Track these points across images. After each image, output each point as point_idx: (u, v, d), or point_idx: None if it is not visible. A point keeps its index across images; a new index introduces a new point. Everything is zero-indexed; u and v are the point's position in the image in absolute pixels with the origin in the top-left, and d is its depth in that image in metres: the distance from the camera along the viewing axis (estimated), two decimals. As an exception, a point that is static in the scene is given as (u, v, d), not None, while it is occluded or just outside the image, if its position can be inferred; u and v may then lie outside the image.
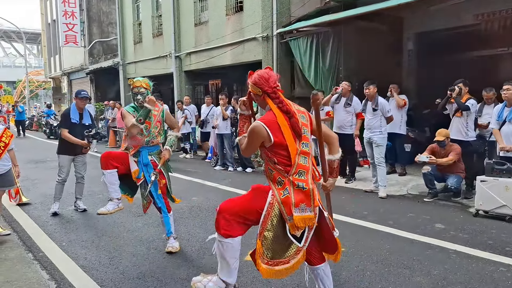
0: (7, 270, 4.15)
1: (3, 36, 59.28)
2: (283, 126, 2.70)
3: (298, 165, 2.73)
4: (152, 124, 4.42)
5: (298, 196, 2.73)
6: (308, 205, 2.75)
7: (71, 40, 22.50)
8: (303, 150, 2.77)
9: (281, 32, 10.26)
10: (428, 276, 3.82)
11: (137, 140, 4.40)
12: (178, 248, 4.56)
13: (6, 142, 5.16)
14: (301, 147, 2.75)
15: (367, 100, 7.17)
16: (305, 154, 2.78)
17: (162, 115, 4.55)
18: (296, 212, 2.71)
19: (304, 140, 2.78)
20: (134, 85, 4.39)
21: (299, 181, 2.73)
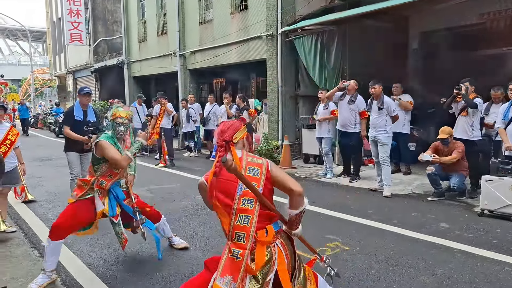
0: (13, 267, 4.18)
1: (9, 34, 59.59)
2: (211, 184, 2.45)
3: (234, 226, 2.39)
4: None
5: (227, 265, 2.38)
6: (234, 280, 2.33)
7: (76, 39, 22.57)
8: (242, 208, 2.39)
9: (286, 31, 10.24)
10: (432, 275, 3.81)
11: (114, 175, 4.04)
12: (184, 243, 4.66)
13: (12, 140, 5.23)
14: (239, 204, 2.39)
15: (373, 99, 7.16)
16: (246, 213, 2.39)
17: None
18: (219, 282, 2.35)
19: (246, 196, 2.40)
20: (119, 115, 4.04)
21: (236, 247, 2.38)
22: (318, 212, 5.97)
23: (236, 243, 2.38)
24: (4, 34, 59.97)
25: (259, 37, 11.08)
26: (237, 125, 2.61)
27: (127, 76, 18.99)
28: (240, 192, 2.41)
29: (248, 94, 14.54)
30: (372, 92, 7.04)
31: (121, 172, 4.06)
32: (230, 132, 2.54)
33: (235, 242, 2.38)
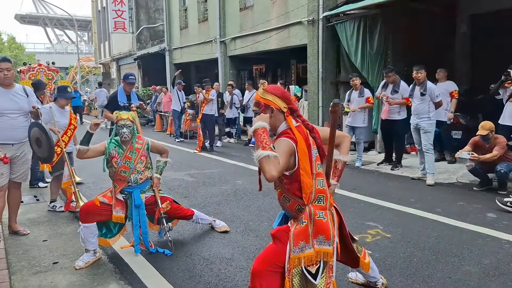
0: (64, 244, 4.40)
1: (56, 24, 61.87)
2: (301, 150, 2.42)
3: (316, 190, 2.51)
4: (134, 159, 4.06)
5: (317, 227, 2.51)
6: (327, 237, 2.51)
7: (120, 27, 23.11)
8: (318, 172, 2.54)
9: (327, 16, 10.06)
10: (478, 266, 3.70)
11: (122, 178, 4.05)
12: (225, 226, 4.74)
13: (75, 125, 5.64)
14: (316, 168, 2.52)
15: (415, 84, 6.95)
16: (321, 176, 2.55)
17: (147, 148, 4.18)
18: (316, 244, 2.50)
19: (318, 161, 2.55)
20: (120, 117, 4.01)
21: (319, 209, 2.52)
22: (358, 199, 5.90)
23: (317, 205, 2.53)
24: (52, 24, 62.31)
25: (300, 23, 10.95)
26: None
27: (169, 63, 19.31)
28: (314, 157, 2.52)
29: (288, 80, 14.46)
30: (418, 78, 6.82)
31: (121, 177, 4.03)
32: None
33: (316, 205, 2.53)
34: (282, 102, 2.49)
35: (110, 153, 4.04)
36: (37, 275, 3.68)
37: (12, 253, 4.15)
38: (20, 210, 4.93)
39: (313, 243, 2.50)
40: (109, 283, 3.52)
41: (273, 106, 2.48)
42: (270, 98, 2.49)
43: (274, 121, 2.50)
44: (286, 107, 2.50)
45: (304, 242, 2.49)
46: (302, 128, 2.54)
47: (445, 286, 3.35)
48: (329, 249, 2.52)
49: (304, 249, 2.49)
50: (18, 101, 4.47)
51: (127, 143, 4.07)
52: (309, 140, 2.51)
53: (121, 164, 4.02)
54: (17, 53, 42.05)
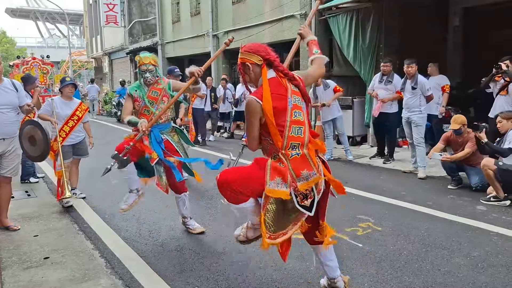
0: (55, 239, 4.39)
1: (48, 18, 61.24)
2: (266, 99, 2.54)
3: (289, 137, 2.59)
4: (158, 100, 4.20)
5: (295, 165, 2.60)
6: (309, 169, 2.61)
7: (112, 20, 22.94)
8: (295, 120, 2.60)
9: (320, 9, 10.03)
10: (467, 258, 3.74)
11: (145, 117, 4.16)
12: (200, 228, 4.51)
13: (80, 116, 5.67)
14: (292, 116, 2.59)
15: (406, 78, 6.97)
16: (298, 124, 2.62)
17: (168, 88, 4.28)
18: (300, 181, 2.59)
19: (296, 109, 2.62)
20: (142, 62, 4.14)
21: (292, 152, 2.62)
22: (350, 193, 5.92)
23: (291, 151, 2.60)
24: (43, 17, 61.67)
25: (293, 16, 10.93)
26: None
27: (161, 57, 19.21)
28: (291, 105, 2.58)
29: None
30: (409, 72, 6.85)
31: (145, 116, 4.14)
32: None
33: (289, 151, 2.60)
34: (256, 57, 2.61)
35: (132, 95, 4.17)
36: (28, 270, 3.67)
37: (2, 248, 4.14)
38: (11, 206, 4.90)
39: (296, 181, 2.58)
40: (100, 277, 3.52)
41: (248, 62, 2.64)
42: (244, 56, 2.65)
43: (253, 76, 2.66)
44: (261, 60, 2.61)
45: (281, 179, 2.58)
46: (277, 79, 2.63)
47: (435, 278, 3.38)
48: (316, 177, 2.62)
49: (280, 186, 2.57)
50: (8, 96, 4.43)
51: (150, 85, 4.17)
52: (283, 89, 2.59)
53: (144, 104, 4.15)
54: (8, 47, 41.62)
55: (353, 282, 3.34)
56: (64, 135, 5.46)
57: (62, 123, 5.50)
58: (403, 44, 9.11)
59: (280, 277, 3.45)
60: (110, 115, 20.77)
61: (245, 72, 2.68)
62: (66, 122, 5.54)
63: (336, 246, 3.98)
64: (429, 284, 3.29)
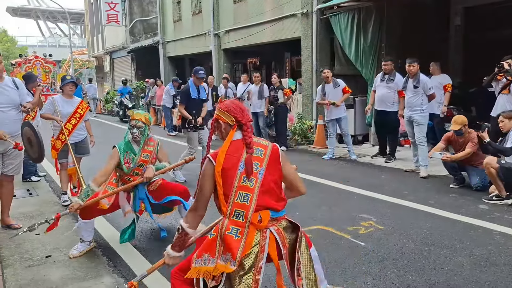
0: (56, 237, 4.38)
1: (49, 17, 61.21)
2: (219, 158, 2.42)
3: (233, 203, 2.38)
4: (148, 162, 4.11)
5: (226, 243, 2.34)
6: (233, 257, 2.30)
7: (113, 19, 22.92)
8: (242, 185, 2.40)
9: (322, 8, 10.04)
10: (470, 256, 3.73)
11: (133, 179, 4.07)
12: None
13: (81, 113, 5.67)
14: (240, 181, 2.40)
15: (408, 77, 6.96)
16: (246, 190, 2.40)
17: (157, 151, 4.21)
18: (221, 260, 2.34)
19: (252, 176, 2.42)
20: (133, 117, 4.05)
21: (234, 224, 2.36)
22: (352, 192, 5.93)
23: (234, 220, 2.38)
24: (44, 16, 61.65)
25: (294, 15, 10.92)
26: None
27: (162, 56, 19.21)
28: (241, 170, 2.42)
29: (282, 73, 14.44)
30: (411, 71, 6.84)
31: (140, 177, 4.02)
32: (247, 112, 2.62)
33: (232, 220, 2.38)
34: (230, 117, 2.55)
35: (123, 159, 4.01)
36: (30, 268, 3.67)
37: (4, 246, 4.14)
38: (13, 204, 4.90)
39: (218, 257, 2.35)
40: (103, 276, 3.52)
41: (221, 120, 2.59)
42: (219, 114, 2.59)
43: (225, 134, 2.60)
44: (233, 121, 2.55)
45: (209, 255, 2.37)
46: (241, 141, 2.51)
47: (437, 277, 3.38)
48: (231, 268, 2.31)
49: (207, 262, 2.37)
50: (9, 94, 4.42)
51: (138, 142, 4.07)
52: (239, 154, 2.45)
53: (135, 166, 4.04)
54: (9, 46, 41.65)
55: (355, 281, 3.34)
56: (67, 133, 5.48)
57: (64, 121, 5.51)
58: (405, 43, 9.11)
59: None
60: (111, 114, 20.80)
61: (217, 128, 2.64)
62: (69, 120, 5.55)
63: (338, 245, 4.00)
64: (432, 282, 3.28)
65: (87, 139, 5.87)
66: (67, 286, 3.35)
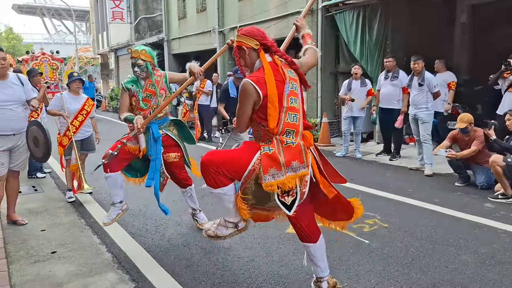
0: (62, 234, 4.40)
1: (54, 14, 61.37)
2: (269, 82, 2.48)
3: (285, 123, 2.51)
4: (156, 92, 4.04)
5: (288, 154, 2.50)
6: (301, 161, 2.52)
7: (118, 17, 22.95)
8: (291, 106, 2.53)
9: (327, 6, 10.00)
10: (475, 255, 3.72)
11: (144, 112, 4.04)
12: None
13: (88, 110, 5.73)
14: (288, 103, 2.53)
15: (413, 75, 6.93)
16: (294, 111, 2.55)
17: (165, 81, 4.11)
18: (289, 171, 2.50)
19: (292, 96, 2.55)
20: (132, 55, 3.96)
21: (287, 139, 2.53)
22: (357, 190, 5.91)
23: (285, 138, 2.53)
24: (50, 14, 61.82)
25: (299, 13, 10.84)
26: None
27: (167, 53, 19.21)
28: (287, 91, 2.54)
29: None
30: (416, 68, 6.81)
31: (143, 111, 4.00)
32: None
33: (283, 138, 2.53)
34: (253, 41, 2.58)
35: (129, 90, 4.00)
36: (35, 264, 3.69)
37: (10, 242, 4.16)
38: (19, 200, 4.92)
39: (285, 171, 2.49)
40: (107, 272, 3.53)
41: (244, 46, 2.61)
42: (241, 40, 2.63)
43: (249, 61, 2.64)
44: (258, 44, 2.58)
45: (275, 169, 2.49)
46: (276, 63, 2.58)
47: (442, 275, 3.37)
48: (304, 171, 2.52)
49: (276, 176, 2.49)
50: (15, 92, 4.42)
51: (145, 78, 4.02)
52: (281, 75, 2.55)
53: (142, 97, 4.00)
54: (15, 44, 41.83)
55: (359, 278, 3.34)
56: (74, 130, 5.53)
57: (71, 118, 5.56)
58: (410, 41, 9.06)
59: (286, 273, 3.44)
60: (116, 111, 20.84)
61: (240, 56, 2.65)
62: (76, 117, 5.59)
63: (342, 243, 3.99)
64: (437, 281, 3.27)
65: (93, 136, 5.89)
66: (72, 282, 3.36)
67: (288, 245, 3.96)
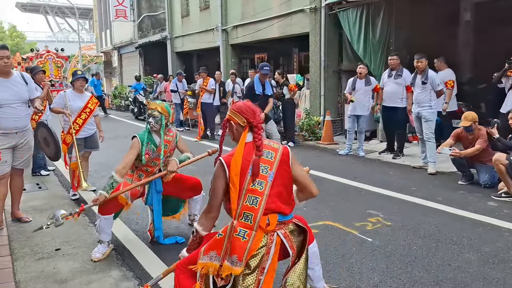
0: (66, 231, 4.42)
1: (57, 12, 61.44)
2: (235, 162, 2.45)
3: (243, 206, 2.40)
4: (164, 151, 4.07)
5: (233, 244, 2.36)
6: (239, 259, 2.33)
7: (121, 15, 22.99)
8: (252, 189, 2.41)
9: (330, 3, 9.99)
10: (478, 253, 3.72)
11: (150, 168, 4.07)
12: None
13: (92, 108, 5.74)
14: (250, 185, 2.42)
15: (416, 73, 6.92)
16: (255, 193, 2.41)
17: (175, 142, 4.20)
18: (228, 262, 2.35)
19: (260, 179, 2.44)
20: (150, 107, 4.06)
21: (242, 226, 2.38)
22: (360, 188, 5.91)
23: (242, 222, 2.40)
24: (53, 12, 61.91)
25: (302, 11, 10.87)
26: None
27: (170, 51, 19.22)
28: (251, 173, 2.45)
29: (290, 69, 14.41)
30: (419, 66, 6.79)
31: (151, 168, 4.03)
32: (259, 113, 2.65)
33: (241, 222, 2.40)
34: (241, 118, 2.59)
35: (144, 150, 3.97)
36: (39, 261, 3.71)
37: (15, 239, 4.19)
38: (23, 198, 4.95)
39: (223, 258, 2.36)
40: (111, 269, 3.56)
41: (232, 121, 2.63)
42: (231, 115, 2.64)
43: (236, 135, 2.64)
44: (245, 122, 2.57)
45: (215, 252, 2.39)
46: (252, 144, 2.53)
47: (445, 273, 3.37)
48: (237, 269, 2.33)
49: (213, 259, 2.38)
50: (18, 90, 4.43)
51: (157, 132, 4.03)
52: (250, 157, 2.47)
53: (154, 156, 4.02)
54: (19, 42, 41.96)
55: (362, 276, 3.34)
56: (77, 128, 5.55)
57: (75, 116, 5.57)
58: (414, 39, 9.04)
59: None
60: (119, 109, 20.89)
61: (229, 129, 2.68)
62: (79, 115, 5.61)
63: (345, 241, 4.00)
64: (440, 279, 3.28)
65: (96, 134, 5.91)
66: (76, 279, 3.39)
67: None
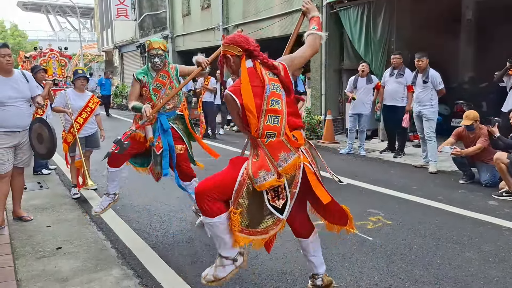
0: (67, 230, 4.44)
1: (59, 11, 61.50)
2: (245, 90, 2.50)
3: (264, 126, 2.50)
4: (166, 84, 4.10)
5: (272, 149, 2.50)
6: (287, 151, 2.51)
7: (122, 14, 22.98)
8: (271, 109, 2.50)
9: (331, 2, 9.98)
10: (479, 252, 3.72)
11: (152, 103, 4.03)
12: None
13: (92, 107, 5.76)
14: (268, 105, 2.50)
15: (418, 72, 6.91)
16: (275, 113, 2.51)
17: (176, 74, 4.19)
18: (280, 166, 2.50)
19: (273, 97, 2.53)
20: (152, 46, 4.03)
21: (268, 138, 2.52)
22: (361, 187, 5.92)
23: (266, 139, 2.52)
24: (54, 11, 61.97)
25: (303, 10, 10.85)
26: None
27: (171, 50, 19.22)
28: (268, 93, 2.52)
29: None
30: (420, 65, 6.78)
31: (162, 99, 4.00)
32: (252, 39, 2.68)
33: (264, 139, 2.52)
34: (236, 48, 2.60)
35: (140, 80, 4.05)
36: (41, 260, 3.72)
37: (16, 238, 4.20)
38: (24, 197, 4.96)
39: (275, 168, 2.50)
40: (112, 268, 3.56)
41: (228, 54, 2.64)
42: (225, 48, 2.65)
43: (235, 67, 2.65)
44: (241, 51, 2.59)
45: (264, 170, 2.49)
46: (253, 69, 2.58)
47: (445, 272, 3.37)
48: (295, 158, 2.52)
49: (267, 177, 2.49)
50: (20, 88, 4.44)
51: (159, 70, 4.08)
52: (260, 79, 2.55)
53: (152, 87, 4.04)
54: (20, 41, 41.98)
55: (363, 275, 3.34)
56: (78, 127, 5.57)
57: (75, 115, 5.59)
58: (415, 37, 9.03)
59: (290, 270, 3.46)
60: (120, 108, 20.89)
61: (227, 64, 2.68)
62: (80, 114, 5.62)
63: (345, 240, 4.00)
64: (440, 278, 3.28)
65: (97, 133, 5.92)
66: (77, 277, 3.39)
67: (292, 242, 3.95)
